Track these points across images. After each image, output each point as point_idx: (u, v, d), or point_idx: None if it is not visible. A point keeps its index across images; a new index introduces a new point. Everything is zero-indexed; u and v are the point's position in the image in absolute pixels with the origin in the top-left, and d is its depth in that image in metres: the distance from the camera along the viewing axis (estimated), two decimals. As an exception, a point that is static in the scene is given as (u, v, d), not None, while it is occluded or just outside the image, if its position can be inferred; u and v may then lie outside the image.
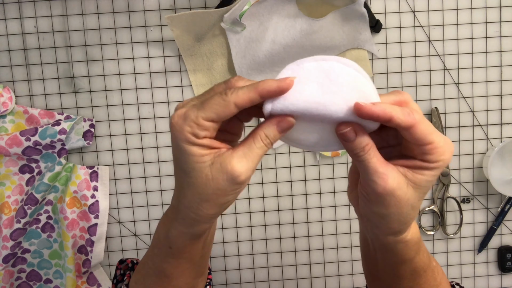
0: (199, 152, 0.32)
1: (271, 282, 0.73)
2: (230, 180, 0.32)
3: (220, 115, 0.31)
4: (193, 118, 0.31)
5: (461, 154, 0.72)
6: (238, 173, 0.32)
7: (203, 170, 0.32)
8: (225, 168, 0.32)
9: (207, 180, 0.32)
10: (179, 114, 0.32)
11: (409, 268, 0.40)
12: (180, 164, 0.33)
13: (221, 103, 0.31)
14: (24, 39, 0.66)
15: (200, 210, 0.34)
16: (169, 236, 0.37)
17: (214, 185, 0.32)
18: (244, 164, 0.32)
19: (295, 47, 0.65)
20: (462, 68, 0.70)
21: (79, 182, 0.66)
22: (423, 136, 0.31)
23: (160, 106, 0.68)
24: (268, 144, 0.33)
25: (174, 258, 0.38)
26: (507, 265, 0.73)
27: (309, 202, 0.72)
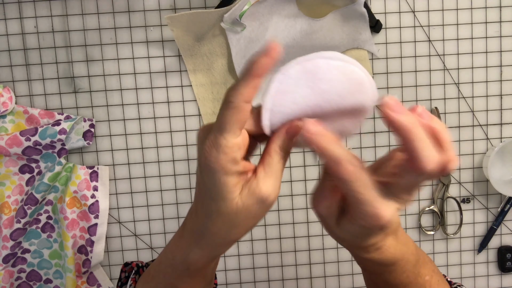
0: (233, 182, 0.31)
1: (271, 282, 0.73)
2: (261, 204, 0.31)
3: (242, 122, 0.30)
4: (225, 143, 0.30)
5: (461, 154, 0.72)
6: (267, 195, 0.31)
7: (234, 200, 0.31)
8: (254, 193, 0.31)
9: (237, 208, 0.31)
10: (209, 143, 0.30)
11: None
12: (210, 193, 0.32)
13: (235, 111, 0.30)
14: (24, 39, 0.66)
15: (229, 236, 0.33)
16: (188, 259, 0.36)
17: (246, 212, 0.32)
18: (271, 184, 0.31)
19: (295, 47, 0.65)
20: (462, 68, 0.70)
21: (79, 182, 0.66)
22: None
23: (160, 106, 0.68)
24: (284, 156, 0.32)
25: (189, 277, 0.38)
26: (507, 265, 0.73)
27: (309, 202, 0.72)
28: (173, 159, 0.69)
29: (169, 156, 0.69)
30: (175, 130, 0.69)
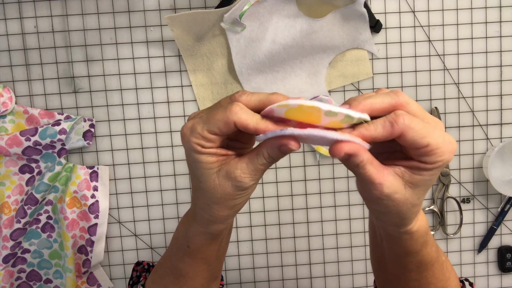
0: (207, 160, 0.34)
1: (271, 282, 0.73)
2: (235, 187, 0.35)
3: (222, 130, 0.33)
4: (199, 130, 0.33)
5: (461, 154, 0.72)
6: (242, 182, 0.34)
7: (211, 176, 0.35)
8: (230, 175, 0.34)
9: (214, 185, 0.35)
10: (188, 126, 0.34)
11: (415, 260, 0.40)
12: (192, 169, 0.36)
13: (223, 119, 0.32)
14: (24, 39, 0.66)
15: (212, 211, 0.37)
16: (187, 235, 0.40)
17: (221, 190, 0.35)
18: (247, 175, 0.34)
19: (295, 47, 0.65)
20: (462, 68, 0.70)
21: (79, 182, 0.66)
22: (414, 141, 0.31)
23: (160, 106, 0.68)
24: (270, 162, 0.34)
25: (191, 258, 0.41)
26: (507, 265, 0.73)
27: (309, 202, 0.72)
28: (173, 159, 0.69)
29: (169, 156, 0.69)
30: (175, 130, 0.69)
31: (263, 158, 0.34)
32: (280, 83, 0.68)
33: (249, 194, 0.36)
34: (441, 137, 0.31)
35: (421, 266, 0.40)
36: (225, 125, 0.32)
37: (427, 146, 0.31)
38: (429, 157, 0.31)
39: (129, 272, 0.71)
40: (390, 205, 0.33)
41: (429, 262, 0.40)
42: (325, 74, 0.69)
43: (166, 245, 0.71)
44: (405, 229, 0.37)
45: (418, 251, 0.39)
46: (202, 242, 0.40)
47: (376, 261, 0.46)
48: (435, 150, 0.31)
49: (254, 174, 0.34)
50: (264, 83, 0.68)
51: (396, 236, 0.38)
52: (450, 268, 0.43)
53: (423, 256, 0.39)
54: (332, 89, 0.69)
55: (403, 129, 0.30)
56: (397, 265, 0.41)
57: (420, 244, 0.38)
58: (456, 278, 0.44)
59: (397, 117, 0.31)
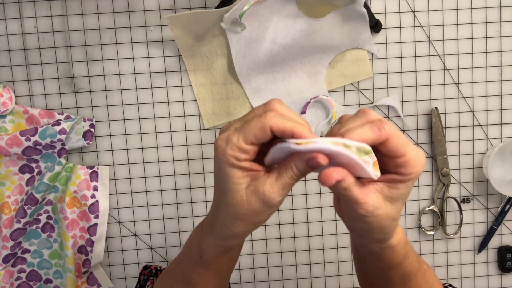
0: (238, 175, 0.34)
1: (271, 282, 0.73)
2: (262, 203, 0.34)
3: (258, 138, 0.33)
4: (235, 141, 0.33)
5: (461, 154, 0.72)
6: (270, 198, 0.34)
7: (239, 191, 0.35)
8: (258, 191, 0.34)
9: (241, 201, 0.35)
10: (223, 138, 0.34)
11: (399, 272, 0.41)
12: (220, 183, 0.36)
13: (259, 125, 0.33)
14: (24, 39, 0.66)
15: (233, 227, 0.36)
16: (201, 247, 0.40)
17: (248, 206, 0.35)
18: (276, 190, 0.34)
19: (295, 47, 0.65)
20: (462, 68, 0.70)
21: (79, 182, 0.66)
22: (396, 148, 0.33)
23: (160, 106, 0.68)
24: (298, 176, 0.34)
25: (203, 268, 0.41)
26: (507, 265, 0.73)
27: (309, 202, 0.72)
28: (173, 159, 0.69)
29: (169, 156, 0.69)
30: (175, 130, 0.69)
31: (291, 171, 0.34)
32: (280, 83, 0.68)
33: (273, 212, 0.36)
34: (415, 149, 0.34)
35: (405, 277, 0.41)
36: (261, 131, 0.32)
37: (405, 155, 0.33)
38: (405, 168, 0.33)
39: (129, 272, 0.71)
40: (373, 221, 0.35)
41: (412, 272, 0.42)
42: (325, 74, 0.69)
43: (166, 245, 0.71)
44: (387, 244, 0.38)
45: (400, 263, 0.40)
46: (216, 254, 0.40)
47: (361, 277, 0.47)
48: (411, 160, 0.33)
49: (282, 189, 0.34)
50: (264, 83, 0.68)
51: (379, 252, 0.39)
52: (433, 276, 0.44)
53: (406, 267, 0.41)
54: (332, 89, 0.69)
55: (389, 134, 0.32)
56: (382, 279, 0.42)
57: (401, 256, 0.40)
58: (440, 284, 0.45)
59: (383, 123, 0.33)
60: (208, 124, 0.69)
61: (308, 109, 0.69)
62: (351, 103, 0.70)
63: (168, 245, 0.71)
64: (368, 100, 0.70)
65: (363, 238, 0.39)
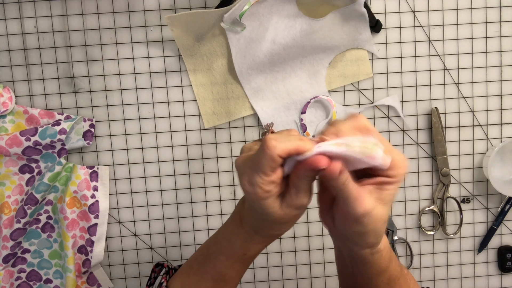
0: (271, 203, 0.37)
1: (271, 282, 0.73)
2: (298, 209, 0.38)
3: (273, 167, 0.35)
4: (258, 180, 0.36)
5: (461, 154, 0.72)
6: (301, 204, 0.38)
7: (276, 211, 0.38)
8: (291, 204, 0.38)
9: (280, 215, 0.38)
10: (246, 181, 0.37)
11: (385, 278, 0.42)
12: (255, 208, 0.39)
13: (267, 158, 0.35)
14: (24, 39, 0.66)
15: (281, 230, 0.42)
16: (248, 245, 0.43)
17: (288, 216, 0.39)
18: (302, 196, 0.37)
19: (295, 47, 0.65)
20: (462, 68, 0.70)
21: (79, 182, 0.66)
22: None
23: (160, 106, 0.68)
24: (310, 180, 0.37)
25: (244, 264, 0.45)
26: (507, 265, 0.73)
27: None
28: (173, 159, 0.69)
29: (169, 156, 0.69)
30: (175, 130, 0.69)
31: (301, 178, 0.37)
32: (280, 83, 0.68)
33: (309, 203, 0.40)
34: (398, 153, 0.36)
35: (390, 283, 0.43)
36: (273, 161, 0.35)
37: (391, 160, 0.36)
38: (392, 171, 0.36)
39: (129, 272, 0.71)
40: (369, 223, 0.36)
41: (396, 277, 0.43)
42: (325, 74, 0.69)
43: (166, 245, 0.71)
44: (376, 248, 0.40)
45: (386, 268, 0.42)
46: (259, 251, 0.44)
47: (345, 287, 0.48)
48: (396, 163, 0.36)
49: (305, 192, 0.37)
50: (264, 83, 0.68)
51: (368, 258, 0.40)
52: (413, 280, 0.46)
53: (391, 272, 0.42)
54: (332, 89, 0.69)
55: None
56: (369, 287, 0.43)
57: (387, 260, 0.42)
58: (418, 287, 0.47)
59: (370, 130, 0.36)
60: (208, 124, 0.69)
61: (308, 109, 0.69)
62: (351, 103, 0.70)
63: (168, 245, 0.71)
64: (368, 100, 0.70)
65: (356, 245, 0.40)
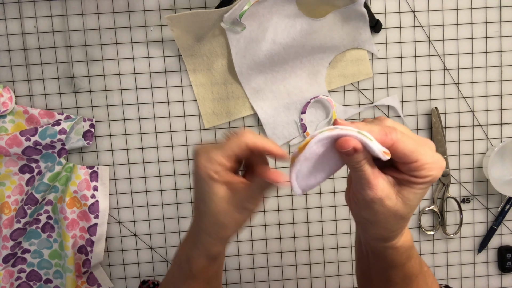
0: (219, 188, 0.37)
1: (271, 282, 0.73)
2: (242, 211, 0.38)
3: (236, 153, 0.37)
4: (216, 158, 0.37)
5: (461, 154, 0.72)
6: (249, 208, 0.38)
7: (220, 203, 0.37)
8: (238, 204, 0.37)
9: (223, 210, 0.38)
10: (203, 155, 0.37)
11: (400, 273, 0.41)
12: (201, 196, 0.38)
13: (236, 142, 0.37)
14: (24, 39, 0.66)
15: (217, 234, 0.40)
16: (189, 260, 0.42)
17: (230, 215, 0.38)
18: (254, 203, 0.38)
19: (295, 47, 0.65)
20: (462, 68, 0.70)
21: (79, 182, 0.66)
22: (404, 154, 0.33)
23: (160, 106, 0.68)
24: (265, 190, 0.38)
25: (193, 280, 0.43)
26: (507, 265, 0.73)
27: (309, 202, 0.72)
28: (173, 159, 0.69)
29: (169, 156, 0.69)
30: (175, 130, 0.69)
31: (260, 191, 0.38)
32: (280, 83, 0.68)
33: (253, 215, 0.39)
34: (430, 154, 0.34)
35: (406, 279, 0.42)
36: (238, 147, 0.36)
37: (416, 161, 0.33)
38: (419, 172, 0.34)
39: (129, 272, 0.71)
40: (380, 212, 0.35)
41: (413, 275, 0.42)
42: (325, 74, 0.69)
43: (166, 245, 0.71)
44: (390, 243, 0.39)
45: (403, 264, 0.41)
46: (204, 264, 0.42)
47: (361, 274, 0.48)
48: (424, 165, 0.34)
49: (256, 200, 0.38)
50: (264, 83, 0.68)
51: (381, 251, 0.40)
52: (432, 277, 0.45)
53: (408, 269, 0.41)
54: (332, 89, 0.69)
55: (395, 140, 0.33)
56: (382, 278, 0.43)
57: (404, 258, 0.40)
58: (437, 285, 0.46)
59: (391, 130, 0.34)
60: (208, 124, 0.69)
61: (308, 109, 0.69)
62: (351, 103, 0.70)
63: (168, 245, 0.71)
64: (368, 100, 0.70)
65: (367, 234, 0.39)
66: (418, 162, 0.33)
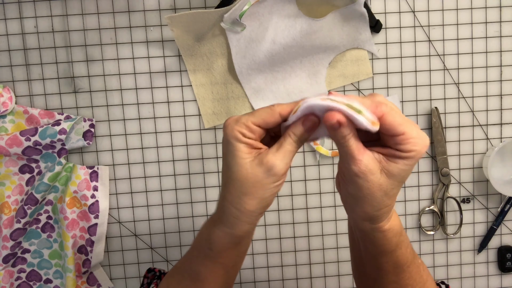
0: (244, 149, 0.37)
1: (271, 282, 0.73)
2: (266, 172, 0.37)
3: (266, 121, 0.37)
4: (244, 121, 0.37)
5: (461, 154, 0.72)
6: (272, 165, 0.37)
7: (244, 165, 0.37)
8: (261, 161, 0.37)
9: (247, 174, 0.37)
10: (233, 118, 0.38)
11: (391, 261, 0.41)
12: (227, 160, 0.38)
13: (268, 112, 0.37)
14: (24, 39, 0.66)
15: (241, 204, 0.38)
16: (211, 238, 0.41)
17: (253, 178, 0.37)
18: (278, 158, 0.37)
19: (295, 47, 0.65)
20: (462, 68, 0.70)
21: (79, 182, 0.66)
22: (392, 126, 0.34)
23: (160, 106, 0.68)
24: (296, 141, 0.38)
25: (211, 261, 0.42)
26: (507, 265, 0.73)
27: (309, 202, 0.72)
28: (173, 159, 0.69)
29: (169, 156, 0.69)
30: (175, 130, 0.69)
31: (289, 138, 0.37)
32: (280, 83, 0.68)
33: (278, 185, 0.38)
34: (416, 130, 0.35)
35: (397, 268, 0.42)
36: (270, 115, 0.37)
37: (403, 134, 0.34)
38: (404, 146, 0.35)
39: (129, 272, 0.71)
40: (364, 187, 0.36)
41: (405, 264, 0.42)
42: (325, 74, 0.69)
43: (166, 245, 0.71)
44: (377, 225, 0.39)
45: (392, 251, 0.41)
46: (225, 244, 0.41)
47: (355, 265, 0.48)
48: (410, 139, 0.35)
49: (284, 157, 0.37)
50: (264, 83, 0.68)
51: (370, 233, 0.40)
52: (427, 272, 0.45)
53: (398, 257, 0.41)
54: (332, 89, 0.69)
55: (384, 112, 0.34)
56: (374, 267, 0.43)
57: (394, 244, 0.40)
58: (432, 281, 0.46)
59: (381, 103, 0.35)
60: (208, 124, 0.69)
61: (308, 109, 0.69)
62: (351, 103, 0.70)
63: (168, 245, 0.71)
64: (368, 100, 0.70)
65: (354, 214, 0.39)
66: (404, 135, 0.34)
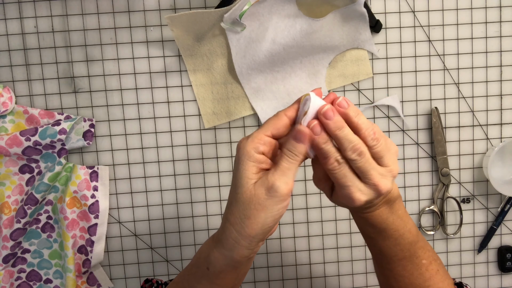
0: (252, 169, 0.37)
1: (271, 282, 0.73)
2: (268, 192, 0.37)
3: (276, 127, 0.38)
4: (255, 134, 0.38)
5: (461, 154, 0.72)
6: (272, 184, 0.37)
7: (249, 187, 0.37)
8: (264, 181, 0.37)
9: (251, 195, 0.37)
10: (244, 137, 0.39)
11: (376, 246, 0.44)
12: (235, 180, 0.38)
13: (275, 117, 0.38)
14: (24, 39, 0.66)
15: (242, 227, 0.38)
16: (209, 257, 0.41)
17: (256, 200, 0.37)
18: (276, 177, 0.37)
19: (295, 47, 0.65)
20: (462, 68, 0.70)
21: (79, 182, 0.66)
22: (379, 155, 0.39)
23: (160, 106, 0.68)
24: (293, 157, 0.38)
25: (208, 281, 0.41)
26: (507, 265, 0.73)
27: (309, 202, 0.72)
28: (173, 159, 0.69)
29: (169, 156, 0.69)
30: (175, 130, 0.69)
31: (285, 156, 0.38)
32: (280, 83, 0.68)
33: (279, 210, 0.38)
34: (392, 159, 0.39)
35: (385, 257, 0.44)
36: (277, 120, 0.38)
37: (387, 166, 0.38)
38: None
39: (129, 272, 0.71)
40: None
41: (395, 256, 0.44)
42: (325, 74, 0.69)
43: (166, 245, 0.71)
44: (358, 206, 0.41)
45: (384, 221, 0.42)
46: (222, 267, 0.40)
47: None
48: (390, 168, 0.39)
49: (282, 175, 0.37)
50: (264, 83, 0.68)
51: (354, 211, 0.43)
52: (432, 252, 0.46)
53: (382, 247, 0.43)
54: (332, 89, 0.69)
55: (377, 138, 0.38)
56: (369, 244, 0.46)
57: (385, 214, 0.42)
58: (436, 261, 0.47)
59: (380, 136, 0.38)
60: (208, 124, 0.69)
61: (308, 109, 0.69)
62: (351, 103, 0.70)
63: (168, 245, 0.71)
64: (368, 100, 0.70)
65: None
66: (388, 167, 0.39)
